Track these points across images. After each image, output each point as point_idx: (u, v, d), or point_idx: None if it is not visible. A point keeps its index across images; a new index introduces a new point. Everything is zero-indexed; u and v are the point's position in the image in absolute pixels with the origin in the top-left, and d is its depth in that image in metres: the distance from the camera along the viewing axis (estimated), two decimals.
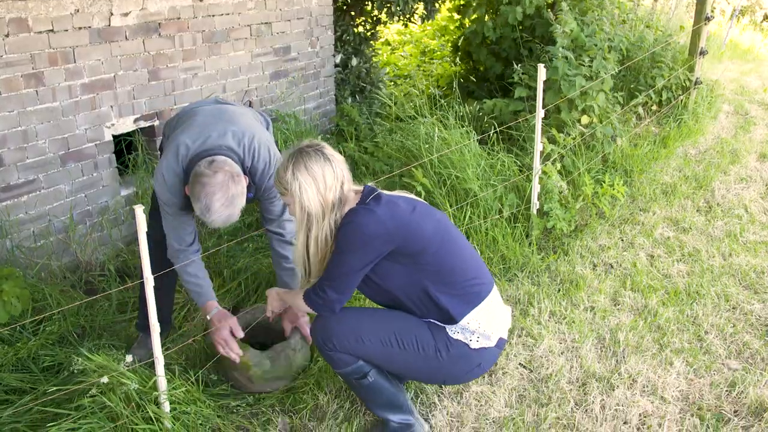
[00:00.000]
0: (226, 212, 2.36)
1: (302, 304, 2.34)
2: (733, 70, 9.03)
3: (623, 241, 4.08)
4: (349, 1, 5.99)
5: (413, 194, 2.43)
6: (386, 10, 5.92)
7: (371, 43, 6.24)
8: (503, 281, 3.56)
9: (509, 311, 2.45)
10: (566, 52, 4.78)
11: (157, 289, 2.27)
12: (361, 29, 6.09)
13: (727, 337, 3.13)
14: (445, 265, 2.25)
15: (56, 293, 3.22)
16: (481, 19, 6.06)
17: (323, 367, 2.83)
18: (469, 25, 6.36)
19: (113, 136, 3.77)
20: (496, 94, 6.02)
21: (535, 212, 4.02)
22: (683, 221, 4.32)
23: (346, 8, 5.96)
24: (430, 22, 7.25)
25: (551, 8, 5.76)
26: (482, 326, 2.26)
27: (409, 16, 6.35)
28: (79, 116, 3.53)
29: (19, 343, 2.86)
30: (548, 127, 4.69)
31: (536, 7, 5.66)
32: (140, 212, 2.10)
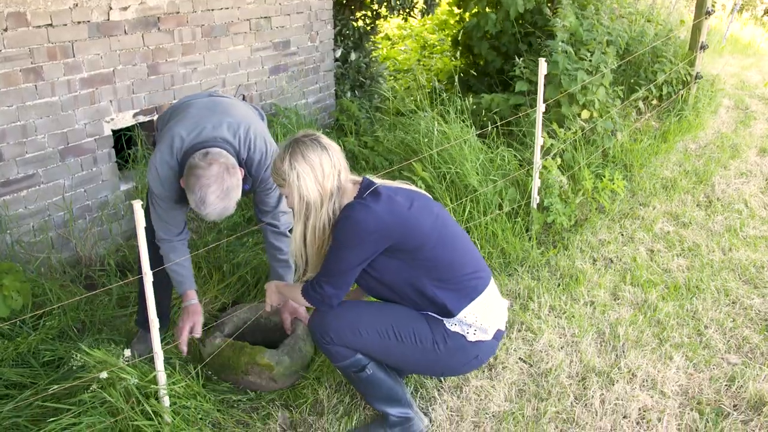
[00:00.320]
0: (221, 205, 2.34)
1: (300, 298, 2.35)
2: (733, 64, 9.01)
3: (623, 235, 4.07)
4: None
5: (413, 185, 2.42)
6: (386, 4, 5.90)
7: (371, 37, 6.22)
8: (503, 276, 3.56)
9: (506, 304, 2.45)
10: (566, 46, 4.76)
11: (156, 284, 2.27)
12: (360, 23, 6.07)
13: (726, 331, 3.13)
14: (442, 260, 2.25)
15: (56, 288, 3.22)
16: (481, 12, 6.04)
17: (323, 361, 2.84)
18: (469, 19, 6.34)
19: (113, 130, 3.76)
20: (496, 88, 6.00)
21: (535, 207, 4.02)
22: (683, 216, 4.31)
23: (345, 2, 5.94)
24: (430, 16, 7.22)
25: (551, 2, 5.75)
26: (479, 319, 2.27)
27: (408, 10, 6.33)
28: (78, 111, 3.53)
29: (19, 337, 2.86)
30: (548, 121, 4.68)
31: (536, 1, 5.65)
32: (138, 207, 2.09)
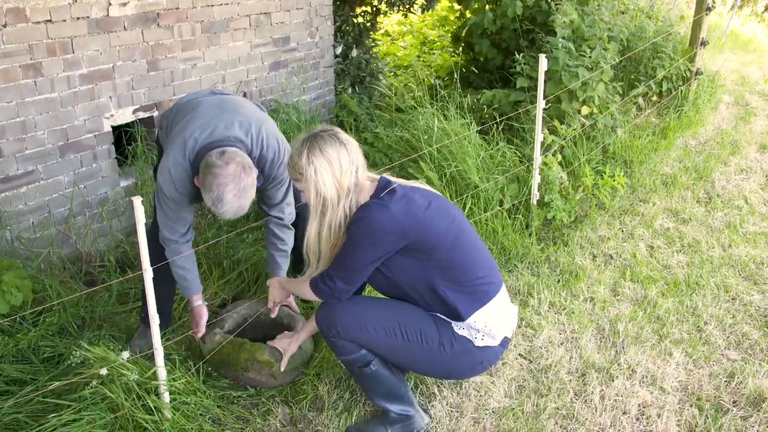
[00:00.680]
0: (237, 203, 2.36)
1: (307, 291, 2.34)
2: (733, 60, 9.00)
3: (623, 232, 4.07)
4: None
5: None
6: (386, 0, 5.89)
7: (371, 33, 6.20)
8: (503, 272, 3.56)
9: (516, 311, 2.45)
10: (567, 42, 4.76)
11: (157, 281, 2.27)
12: (360, 19, 6.05)
13: (726, 327, 3.13)
14: (456, 262, 2.24)
15: (56, 284, 3.22)
16: (482, 10, 6.03)
17: (323, 358, 2.84)
18: (469, 16, 6.33)
19: (112, 127, 3.76)
20: (496, 84, 5.99)
21: (535, 203, 4.02)
22: (683, 212, 4.31)
23: None
24: (430, 12, 7.21)
25: None
26: (488, 325, 2.26)
27: (409, 6, 6.32)
28: (77, 107, 3.52)
29: (19, 334, 2.86)
30: (549, 117, 4.68)
31: None
32: (139, 204, 2.09)
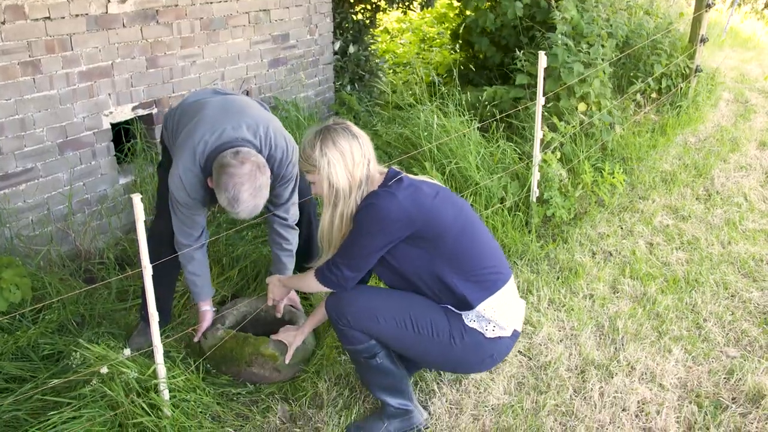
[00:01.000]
0: (253, 202, 2.38)
1: (312, 283, 2.35)
2: (733, 57, 8.99)
3: (622, 229, 4.08)
4: None
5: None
6: None
7: (370, 30, 6.20)
8: None
9: (524, 305, 2.45)
10: (566, 39, 4.75)
11: (157, 279, 2.27)
12: (360, 16, 6.05)
13: (725, 324, 3.14)
14: (463, 251, 2.25)
15: (56, 282, 3.22)
16: (481, 9, 6.01)
17: (323, 355, 2.84)
18: (469, 13, 6.32)
19: (111, 124, 3.75)
20: (495, 81, 5.99)
21: (534, 200, 4.02)
22: (682, 209, 4.31)
23: None
24: (429, 9, 7.20)
25: None
26: (497, 315, 2.26)
27: (408, 3, 6.31)
28: (76, 104, 3.52)
29: (18, 331, 2.86)
30: (548, 115, 4.67)
31: None
32: (138, 201, 2.09)
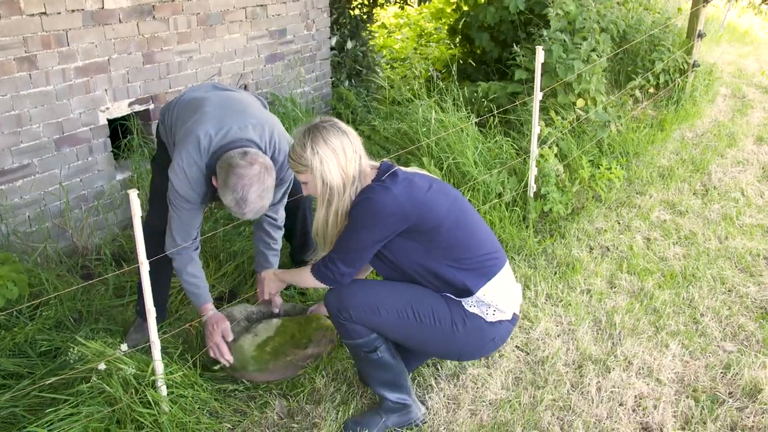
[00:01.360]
0: (260, 203, 2.38)
1: (308, 279, 2.35)
2: (731, 53, 8.98)
3: (620, 224, 4.08)
4: None
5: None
6: None
7: (367, 26, 6.19)
8: None
9: (520, 289, 2.46)
10: (562, 35, 4.74)
11: (154, 275, 2.26)
12: (357, 12, 6.04)
13: (722, 319, 3.14)
14: (459, 241, 2.25)
15: (53, 278, 3.22)
16: (480, 4, 6.00)
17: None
18: (466, 9, 6.30)
19: (108, 120, 3.74)
20: (493, 77, 5.98)
21: (532, 195, 4.02)
22: (680, 204, 4.32)
23: None
24: (426, 4, 7.18)
25: None
26: (497, 299, 2.28)
27: None
28: (73, 100, 3.51)
29: (16, 327, 2.86)
30: (546, 110, 4.67)
31: None
32: (134, 197, 2.09)
